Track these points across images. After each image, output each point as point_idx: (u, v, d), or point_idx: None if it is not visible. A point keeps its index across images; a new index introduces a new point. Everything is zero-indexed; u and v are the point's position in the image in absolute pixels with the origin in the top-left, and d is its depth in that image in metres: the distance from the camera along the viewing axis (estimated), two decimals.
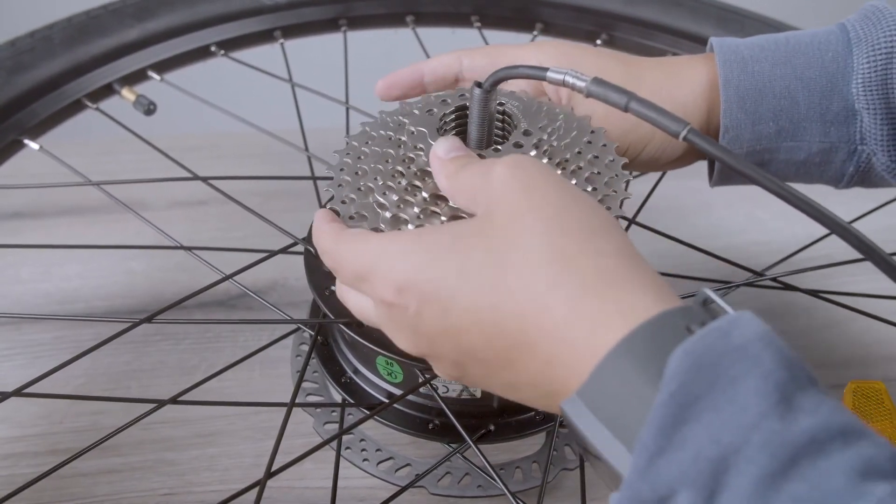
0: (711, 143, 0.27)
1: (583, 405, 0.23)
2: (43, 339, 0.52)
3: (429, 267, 0.27)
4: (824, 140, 0.38)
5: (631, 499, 0.21)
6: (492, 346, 0.26)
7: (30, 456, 0.44)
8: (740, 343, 0.21)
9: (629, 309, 0.24)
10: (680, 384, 0.21)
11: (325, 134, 0.57)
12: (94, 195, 0.48)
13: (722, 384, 0.21)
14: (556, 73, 0.30)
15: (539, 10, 0.62)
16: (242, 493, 0.32)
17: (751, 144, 0.38)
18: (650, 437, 0.21)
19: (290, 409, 0.35)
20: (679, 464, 0.20)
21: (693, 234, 0.53)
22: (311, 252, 0.38)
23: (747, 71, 0.37)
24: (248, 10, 0.57)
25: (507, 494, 0.34)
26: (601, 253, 0.25)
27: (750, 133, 0.38)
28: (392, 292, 0.27)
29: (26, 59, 0.50)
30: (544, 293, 0.25)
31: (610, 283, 0.24)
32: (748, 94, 0.37)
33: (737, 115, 0.37)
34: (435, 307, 0.26)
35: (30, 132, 0.49)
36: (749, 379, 0.20)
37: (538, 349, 0.25)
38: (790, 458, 0.19)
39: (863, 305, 0.45)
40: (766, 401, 0.20)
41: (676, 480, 0.20)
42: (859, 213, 0.50)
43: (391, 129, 0.36)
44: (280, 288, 0.57)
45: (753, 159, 0.39)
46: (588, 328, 0.24)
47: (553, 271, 0.25)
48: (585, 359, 0.23)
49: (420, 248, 0.27)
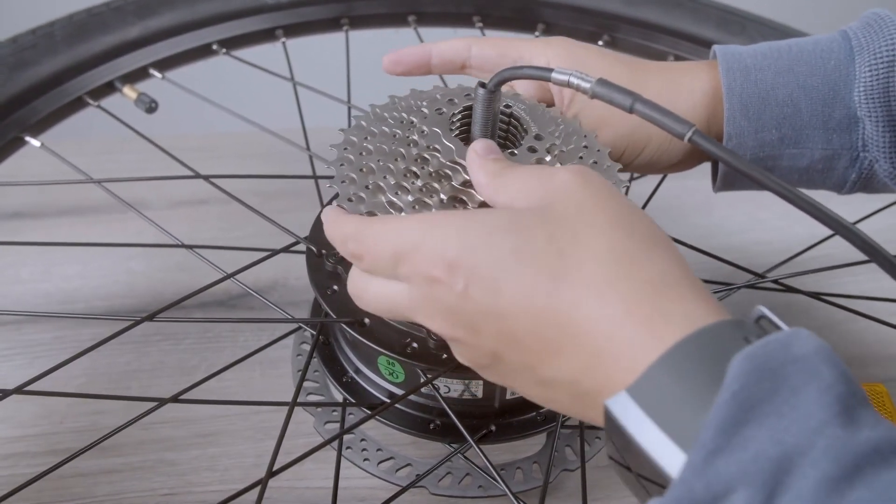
0: (716, 145, 0.27)
1: (633, 402, 0.23)
2: (43, 339, 0.52)
3: (485, 245, 0.26)
4: (827, 147, 0.38)
5: (680, 498, 0.21)
6: (538, 335, 0.25)
7: (30, 455, 0.44)
8: (800, 355, 0.21)
9: (687, 314, 0.24)
10: (741, 386, 0.21)
11: (326, 133, 0.57)
12: (94, 194, 0.48)
13: (783, 392, 0.21)
14: (560, 73, 0.30)
15: (540, 10, 0.62)
16: (243, 492, 0.32)
17: (754, 152, 0.38)
18: (709, 435, 0.21)
19: (291, 408, 0.35)
20: (739, 462, 0.20)
21: (693, 235, 0.53)
22: (313, 251, 0.38)
23: (750, 79, 0.38)
24: (249, 8, 0.57)
25: (508, 495, 0.34)
26: (662, 260, 0.25)
27: (753, 140, 0.38)
28: (442, 268, 0.26)
29: (28, 56, 0.50)
30: (604, 287, 0.24)
31: (670, 288, 0.25)
32: (751, 102, 0.37)
33: (740, 123, 0.38)
34: (485, 287, 0.26)
35: (31, 129, 0.48)
36: (810, 389, 0.21)
37: (587, 342, 0.24)
38: (854, 465, 0.19)
39: (864, 307, 0.45)
40: (828, 411, 0.20)
41: (735, 479, 0.20)
42: (862, 214, 0.50)
43: (393, 125, 0.35)
44: (281, 287, 0.57)
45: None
46: (644, 327, 0.24)
47: (615, 269, 0.25)
48: (638, 357, 0.23)
49: (476, 225, 0.27)
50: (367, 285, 0.30)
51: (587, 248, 0.25)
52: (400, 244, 0.28)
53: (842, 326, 0.56)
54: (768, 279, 0.46)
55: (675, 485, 0.21)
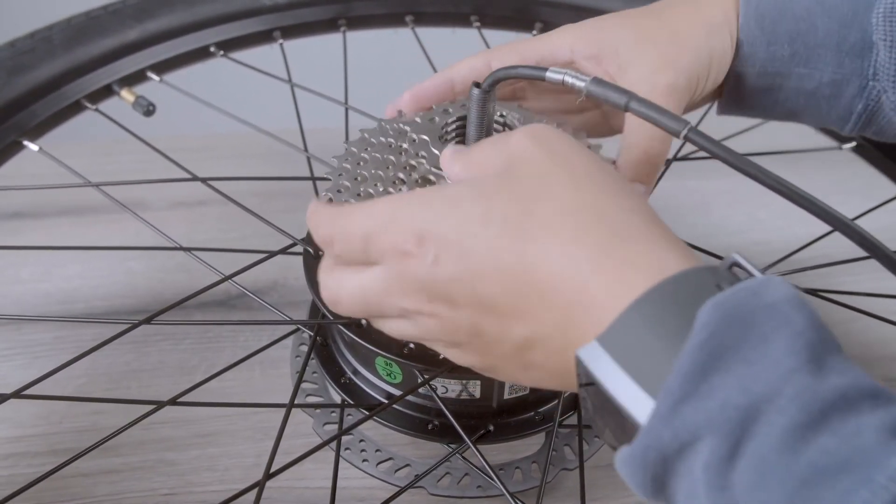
0: (712, 142, 0.27)
1: (603, 351, 0.23)
2: (43, 339, 0.52)
3: (451, 213, 0.26)
4: (837, 71, 0.37)
5: (648, 446, 0.21)
6: (510, 293, 0.25)
7: (30, 456, 0.44)
8: (771, 302, 0.21)
9: (657, 262, 0.24)
10: (710, 334, 0.21)
11: (324, 134, 0.57)
12: (94, 195, 0.48)
13: (753, 339, 0.21)
14: (555, 73, 0.30)
15: (538, 9, 0.62)
16: (242, 493, 0.32)
17: (763, 65, 0.38)
18: (676, 383, 0.21)
19: (288, 410, 0.35)
20: (706, 411, 0.20)
21: (693, 234, 0.53)
22: (311, 252, 0.38)
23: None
24: (247, 10, 0.57)
25: (506, 495, 0.34)
26: (629, 210, 0.25)
27: (764, 52, 0.37)
28: (413, 241, 0.26)
29: (26, 60, 0.50)
30: (571, 239, 0.24)
31: (638, 236, 0.24)
32: (767, 12, 0.37)
33: (754, 32, 0.37)
34: (455, 253, 0.26)
35: (29, 133, 0.49)
36: (780, 336, 0.21)
37: (558, 297, 0.24)
38: (821, 411, 0.19)
39: (863, 305, 0.45)
40: (798, 358, 0.20)
41: (701, 427, 0.20)
42: (859, 211, 0.50)
43: (391, 136, 0.36)
44: (280, 288, 0.57)
45: (764, 83, 0.39)
46: (614, 276, 0.24)
47: (581, 219, 0.25)
48: (608, 306, 0.23)
49: (442, 197, 0.27)
50: (340, 282, 0.30)
51: (550, 203, 0.25)
52: (370, 224, 0.28)
53: (841, 326, 0.56)
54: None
55: (643, 432, 0.21)
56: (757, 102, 0.40)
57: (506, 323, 0.26)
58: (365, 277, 0.29)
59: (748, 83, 0.39)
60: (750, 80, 0.39)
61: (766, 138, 0.57)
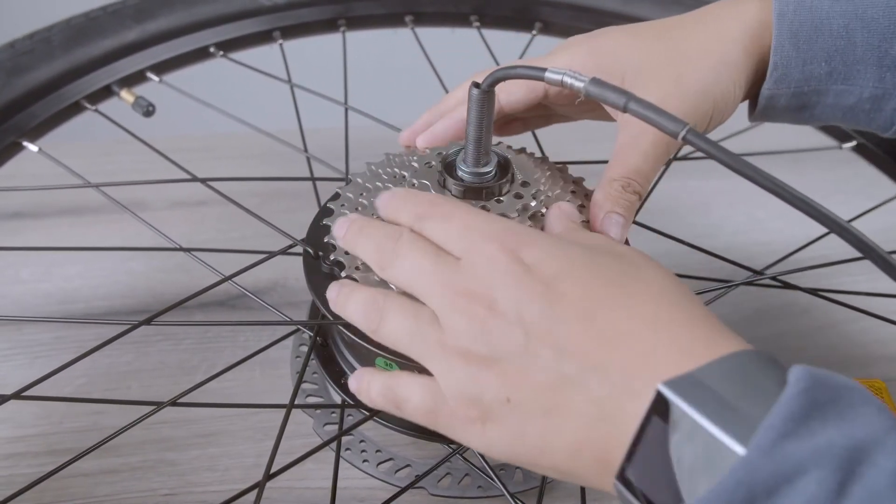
0: (710, 143, 0.27)
1: (677, 396, 0.23)
2: (43, 339, 0.52)
3: (564, 250, 0.28)
4: (878, 86, 0.36)
5: (739, 481, 0.20)
6: (585, 331, 0.26)
7: (30, 456, 0.44)
8: (853, 386, 0.22)
9: (738, 344, 0.25)
10: (804, 389, 0.21)
11: (324, 135, 0.58)
12: (93, 196, 0.48)
13: (843, 403, 0.21)
14: (554, 73, 0.30)
15: (538, 9, 0.62)
16: (242, 494, 0.32)
17: (798, 85, 0.36)
18: (779, 420, 0.21)
19: (288, 411, 0.35)
20: (812, 446, 0.20)
21: (693, 234, 0.53)
22: (310, 253, 0.38)
23: (805, 5, 0.35)
24: (246, 10, 0.57)
25: (506, 495, 0.34)
26: (707, 313, 0.27)
27: (799, 73, 0.36)
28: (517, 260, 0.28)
29: (25, 60, 0.50)
30: (664, 305, 0.26)
31: (720, 327, 0.26)
32: (802, 30, 0.35)
33: (788, 52, 0.35)
34: (555, 256, 0.28)
35: (29, 134, 0.49)
36: (867, 406, 0.21)
37: (627, 345, 0.25)
38: None
39: (863, 304, 0.45)
40: (890, 422, 0.21)
41: (807, 460, 0.20)
42: (858, 211, 0.50)
43: (387, 180, 0.38)
44: (281, 288, 0.57)
45: (799, 101, 0.37)
46: (704, 338, 0.25)
47: (674, 298, 0.27)
48: (673, 363, 0.24)
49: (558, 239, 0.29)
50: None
51: (648, 287, 0.27)
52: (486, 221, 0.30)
53: (841, 326, 0.56)
54: (766, 276, 0.46)
55: (737, 466, 0.21)
56: (790, 118, 0.39)
57: (559, 353, 0.26)
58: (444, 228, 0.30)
59: (781, 103, 0.38)
60: (783, 101, 0.38)
61: (766, 138, 0.57)
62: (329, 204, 0.39)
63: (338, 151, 0.51)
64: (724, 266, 0.47)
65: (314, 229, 0.40)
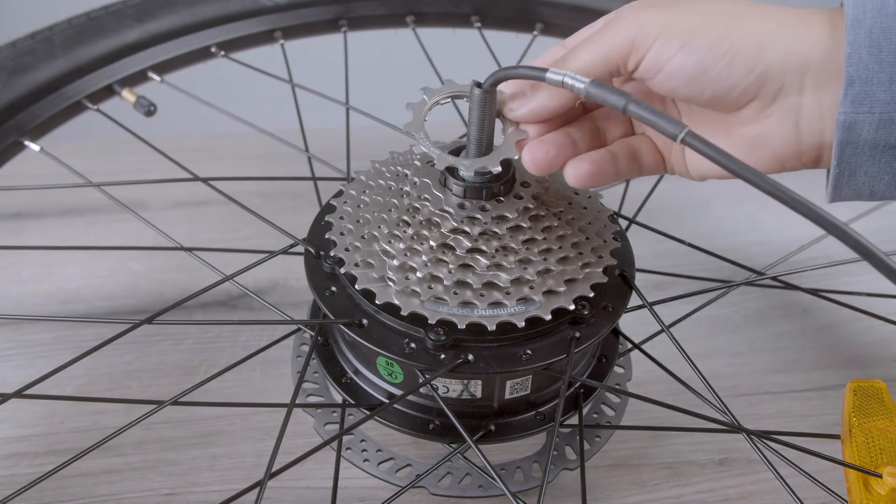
0: (709, 146, 0.27)
1: None
2: (44, 339, 0.52)
3: None
4: None
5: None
6: None
7: (31, 456, 0.44)
8: None
9: None
10: None
11: (325, 135, 0.58)
12: (95, 194, 0.48)
13: None
14: (555, 74, 0.30)
15: (539, 9, 0.62)
16: (243, 493, 0.32)
17: (885, 108, 0.29)
18: None
19: (289, 410, 0.35)
20: None
21: (693, 234, 0.53)
22: (311, 252, 0.38)
23: (888, 11, 0.29)
24: (248, 10, 0.57)
25: (507, 495, 0.34)
26: None
27: (886, 92, 0.29)
28: None
29: (27, 60, 0.50)
30: None
31: None
32: (886, 39, 0.28)
33: (868, 65, 0.29)
34: None
35: (30, 134, 0.49)
36: None
37: None
38: None
39: (863, 304, 0.45)
40: None
41: None
42: (860, 211, 0.50)
43: (389, 178, 0.38)
44: (282, 288, 0.57)
45: (891, 135, 0.30)
46: None
47: None
48: None
49: None
50: None
51: None
52: None
53: (841, 327, 0.56)
54: (767, 276, 0.46)
55: None
56: (881, 166, 0.30)
57: None
58: None
59: (864, 136, 0.30)
60: (867, 132, 0.30)
61: None
62: (332, 201, 0.40)
63: (339, 151, 0.51)
64: (724, 266, 0.47)
65: (315, 228, 0.40)
